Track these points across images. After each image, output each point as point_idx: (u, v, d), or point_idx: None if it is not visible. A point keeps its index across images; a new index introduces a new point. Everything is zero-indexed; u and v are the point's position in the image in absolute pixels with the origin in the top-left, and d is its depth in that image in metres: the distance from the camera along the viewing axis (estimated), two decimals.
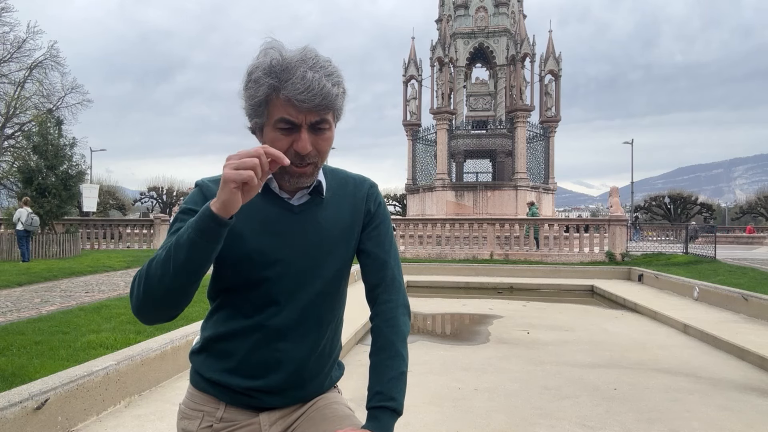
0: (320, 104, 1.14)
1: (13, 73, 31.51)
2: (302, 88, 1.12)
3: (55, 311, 6.70)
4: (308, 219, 1.27)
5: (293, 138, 1.16)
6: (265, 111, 1.17)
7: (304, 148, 1.16)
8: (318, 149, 1.19)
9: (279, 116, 1.15)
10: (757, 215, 51.30)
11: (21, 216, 13.72)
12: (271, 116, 1.17)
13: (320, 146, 1.19)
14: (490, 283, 13.29)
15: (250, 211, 1.23)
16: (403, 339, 1.30)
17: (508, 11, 24.02)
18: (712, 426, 3.96)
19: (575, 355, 6.19)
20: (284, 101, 1.14)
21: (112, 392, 3.84)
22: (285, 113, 1.15)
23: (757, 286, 9.43)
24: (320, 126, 1.17)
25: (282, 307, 1.25)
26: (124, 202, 46.21)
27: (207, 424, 1.27)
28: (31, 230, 13.89)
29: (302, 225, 1.27)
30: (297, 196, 1.28)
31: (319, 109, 1.15)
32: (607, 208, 18.67)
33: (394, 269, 1.36)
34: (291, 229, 1.26)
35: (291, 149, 1.16)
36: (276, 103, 1.15)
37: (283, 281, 1.24)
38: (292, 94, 1.12)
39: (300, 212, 1.27)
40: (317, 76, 1.13)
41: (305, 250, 1.26)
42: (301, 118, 1.15)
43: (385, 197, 3.80)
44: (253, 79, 1.16)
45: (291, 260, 1.25)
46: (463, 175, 25.72)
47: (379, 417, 1.19)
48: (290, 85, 1.12)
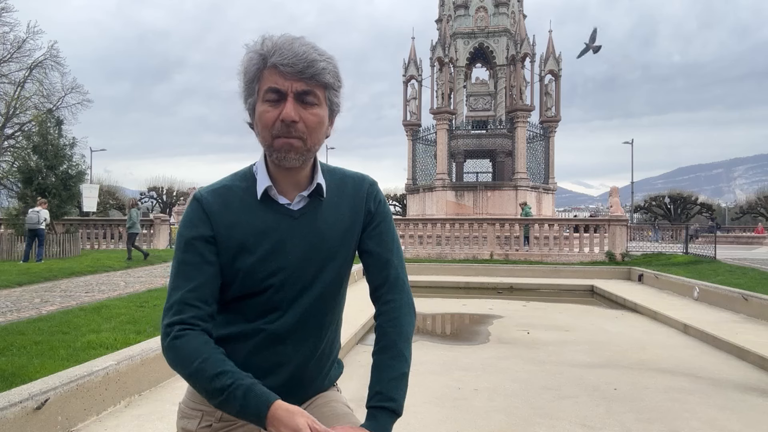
0: (305, 71, 1.15)
1: (13, 73, 31.52)
2: (288, 54, 1.15)
3: (55, 311, 6.70)
4: (308, 224, 1.27)
5: (280, 109, 1.18)
6: (256, 86, 1.20)
7: (288, 115, 1.16)
8: (306, 123, 1.19)
9: (266, 86, 1.18)
10: (757, 215, 51.27)
11: (45, 216, 13.79)
12: (260, 90, 1.19)
13: (308, 120, 1.19)
14: (490, 283, 13.29)
15: (250, 221, 1.24)
16: (406, 339, 1.30)
17: (508, 11, 24.01)
18: (712, 426, 3.96)
19: (575, 355, 6.19)
20: (271, 70, 1.17)
21: (112, 392, 3.84)
22: (272, 82, 1.17)
23: (757, 286, 9.43)
24: (308, 98, 1.18)
25: (283, 313, 1.25)
26: (124, 202, 46.21)
27: (206, 424, 1.28)
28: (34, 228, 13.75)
29: (303, 230, 1.27)
30: (296, 200, 1.27)
31: (305, 76, 1.16)
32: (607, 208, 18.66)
33: (398, 268, 1.36)
34: (292, 235, 1.26)
35: (278, 121, 1.18)
36: (264, 74, 1.18)
37: (286, 288, 1.25)
38: (277, 60, 1.15)
39: (300, 217, 1.27)
40: (305, 48, 1.17)
41: (307, 256, 1.26)
42: (287, 85, 1.16)
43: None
44: (247, 58, 1.20)
45: (293, 267, 1.25)
46: (463, 175, 25.72)
47: (378, 417, 1.19)
48: (277, 53, 1.16)
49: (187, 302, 1.18)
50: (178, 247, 1.24)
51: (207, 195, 1.26)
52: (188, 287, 1.19)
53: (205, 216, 1.23)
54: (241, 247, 1.22)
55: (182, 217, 1.27)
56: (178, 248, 1.23)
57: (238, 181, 1.29)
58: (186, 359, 1.14)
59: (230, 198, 1.26)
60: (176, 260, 1.23)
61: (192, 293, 1.18)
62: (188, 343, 1.15)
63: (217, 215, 1.23)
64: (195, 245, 1.21)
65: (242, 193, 1.27)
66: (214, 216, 1.23)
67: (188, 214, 1.26)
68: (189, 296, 1.18)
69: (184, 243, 1.22)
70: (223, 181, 1.31)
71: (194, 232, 1.22)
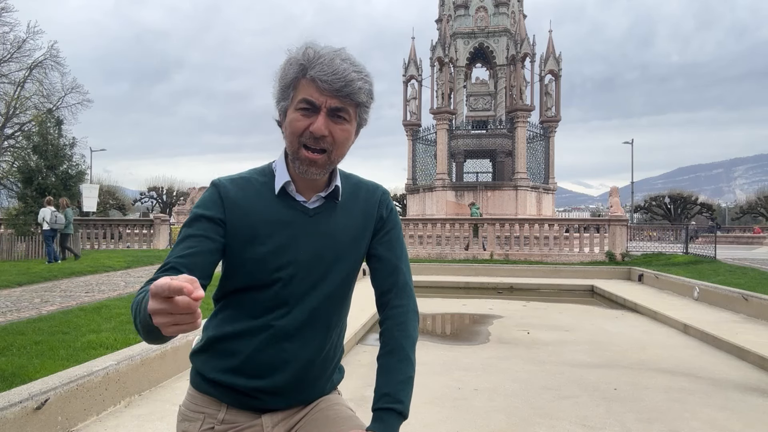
0: (342, 90, 1.16)
1: (13, 73, 31.51)
2: (328, 71, 1.16)
3: (55, 311, 6.70)
4: (322, 222, 1.29)
5: (311, 120, 1.19)
6: (291, 93, 1.21)
7: (319, 129, 1.18)
8: (334, 137, 1.21)
9: (301, 96, 1.19)
10: (757, 215, 51.28)
11: (45, 215, 13.54)
12: (295, 98, 1.20)
13: (337, 135, 1.21)
14: (490, 283, 13.29)
15: (265, 212, 1.25)
16: (413, 344, 1.33)
17: (508, 11, 24.03)
18: (712, 426, 3.96)
19: (575, 355, 6.18)
20: (309, 81, 1.18)
21: (112, 392, 3.84)
22: (307, 94, 1.18)
23: (757, 286, 9.43)
24: (339, 114, 1.20)
25: (291, 309, 1.25)
26: (124, 202, 46.22)
27: (208, 426, 1.26)
28: (57, 228, 13.63)
29: (316, 228, 1.28)
30: (312, 199, 1.29)
31: (341, 95, 1.17)
32: (607, 208, 18.67)
33: (406, 274, 1.39)
34: (305, 231, 1.27)
35: (307, 131, 1.19)
36: (302, 83, 1.19)
37: (294, 283, 1.25)
38: (317, 74, 1.16)
39: (314, 215, 1.29)
40: (345, 65, 1.17)
41: (318, 253, 1.27)
42: (323, 100, 1.17)
43: None
44: (287, 63, 1.21)
45: (303, 262, 1.26)
46: (463, 175, 25.74)
47: (385, 419, 1.20)
48: (317, 66, 1.16)
49: (171, 265, 1.15)
50: (185, 222, 1.25)
51: (226, 182, 1.29)
52: (180, 254, 1.18)
53: (220, 200, 1.25)
54: (253, 235, 1.23)
55: (198, 200, 1.29)
56: (185, 224, 1.25)
57: (257, 175, 1.32)
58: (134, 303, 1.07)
59: (248, 189, 1.28)
60: (180, 234, 1.23)
61: (181, 259, 1.17)
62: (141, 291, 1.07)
63: (232, 201, 1.25)
64: (201, 221, 1.23)
65: (260, 186, 1.29)
66: (229, 202, 1.25)
67: (204, 197, 1.27)
68: (177, 261, 1.16)
69: (192, 218, 1.24)
70: (243, 174, 1.33)
71: (205, 211, 1.24)
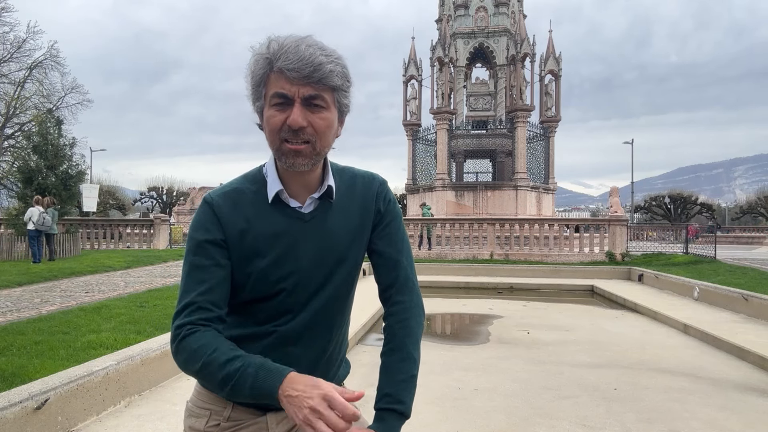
0: (312, 75, 1.12)
1: (13, 73, 31.52)
2: (294, 58, 1.12)
3: (55, 311, 6.70)
4: (319, 226, 1.27)
5: (287, 114, 1.15)
6: (263, 90, 1.18)
7: (295, 121, 1.14)
8: (315, 127, 1.17)
9: (273, 91, 1.15)
10: (757, 215, 51.29)
11: (32, 215, 13.47)
12: (267, 94, 1.17)
13: (316, 124, 1.16)
14: (490, 283, 13.29)
15: (262, 225, 1.23)
16: (415, 341, 1.30)
17: (508, 11, 24.02)
18: (712, 426, 3.96)
19: (575, 355, 6.18)
20: (277, 74, 1.14)
21: (112, 392, 3.84)
22: (278, 87, 1.15)
23: (757, 286, 9.43)
24: (315, 102, 1.16)
25: (295, 315, 1.25)
26: (124, 202, 46.23)
27: (214, 423, 1.27)
28: (43, 230, 13.58)
29: (314, 233, 1.26)
30: (307, 203, 1.27)
31: (312, 80, 1.13)
32: (607, 208, 18.67)
33: (407, 268, 1.35)
34: (303, 238, 1.25)
35: (285, 125, 1.16)
36: (271, 78, 1.16)
37: (298, 291, 1.24)
38: (283, 65, 1.12)
39: (311, 220, 1.27)
40: (311, 50, 1.13)
41: (318, 259, 1.26)
42: (294, 90, 1.14)
43: None
44: (253, 60, 1.18)
45: (304, 270, 1.24)
46: (463, 175, 25.73)
47: (386, 419, 1.20)
48: (282, 56, 1.13)
49: (198, 305, 1.17)
50: (188, 250, 1.23)
51: (218, 198, 1.25)
52: (199, 290, 1.18)
53: (216, 219, 1.22)
54: (253, 251, 1.22)
55: (192, 220, 1.27)
56: (189, 251, 1.22)
57: (248, 183, 1.28)
58: (196, 353, 1.13)
59: (241, 201, 1.25)
60: (187, 263, 1.22)
61: (202, 296, 1.17)
62: (198, 338, 1.14)
63: (228, 219, 1.23)
64: (206, 248, 1.20)
65: (253, 196, 1.26)
66: (225, 220, 1.22)
67: (199, 218, 1.25)
68: (200, 299, 1.17)
69: (195, 246, 1.21)
70: (233, 184, 1.29)
71: (205, 235, 1.21)
